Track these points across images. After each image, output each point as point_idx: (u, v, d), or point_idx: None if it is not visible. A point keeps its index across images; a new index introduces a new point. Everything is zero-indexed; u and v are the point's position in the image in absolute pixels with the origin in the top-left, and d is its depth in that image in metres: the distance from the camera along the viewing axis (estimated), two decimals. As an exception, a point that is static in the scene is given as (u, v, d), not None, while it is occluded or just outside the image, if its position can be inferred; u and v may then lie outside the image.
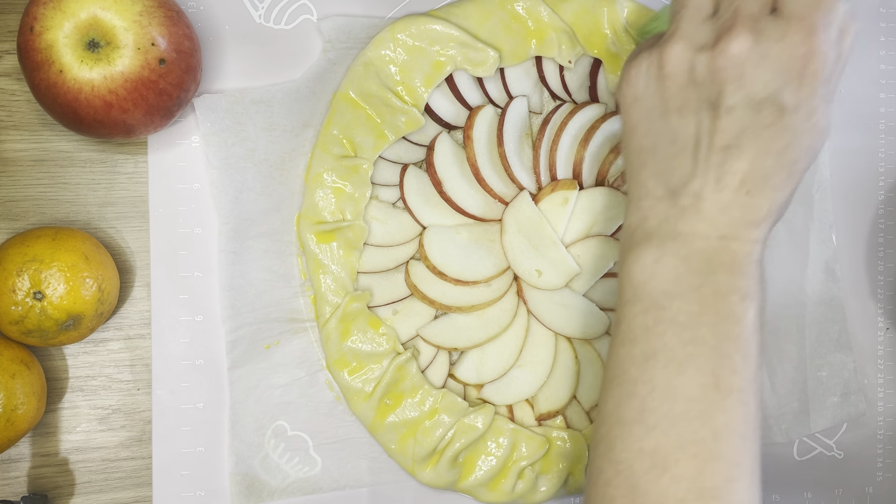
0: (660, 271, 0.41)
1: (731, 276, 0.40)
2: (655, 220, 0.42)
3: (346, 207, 0.52)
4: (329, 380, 0.53)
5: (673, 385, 0.39)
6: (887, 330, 0.61)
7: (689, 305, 0.40)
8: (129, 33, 0.44)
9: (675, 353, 0.39)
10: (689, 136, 0.41)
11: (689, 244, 0.41)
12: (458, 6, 0.53)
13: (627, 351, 0.41)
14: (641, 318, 0.41)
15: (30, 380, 0.47)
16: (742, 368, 0.39)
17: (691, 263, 0.40)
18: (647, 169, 0.43)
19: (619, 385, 0.41)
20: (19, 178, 0.51)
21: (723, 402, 0.39)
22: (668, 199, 0.42)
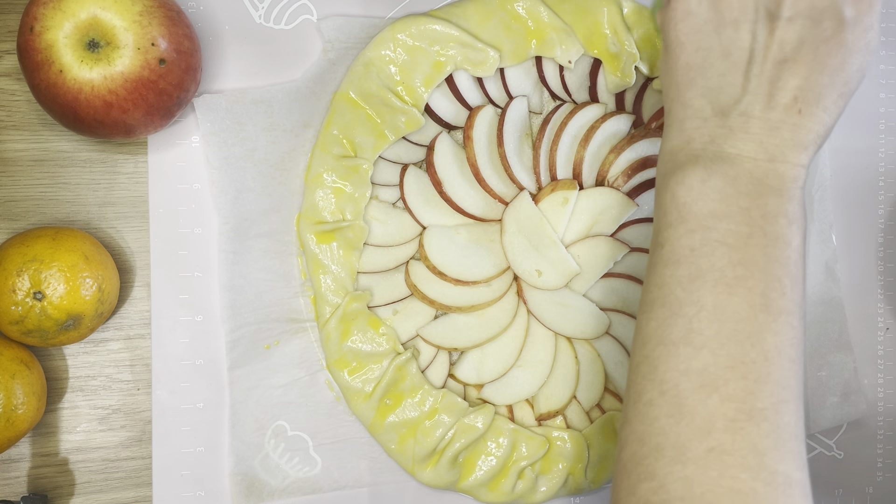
0: (707, 192, 0.40)
1: (779, 199, 0.39)
2: (701, 141, 0.41)
3: (346, 207, 0.52)
4: (329, 380, 0.53)
5: (722, 305, 0.38)
6: (887, 330, 0.61)
7: (738, 227, 0.39)
8: (129, 33, 0.44)
9: (725, 274, 0.39)
10: (743, 50, 0.40)
11: (737, 165, 0.40)
12: (458, 6, 0.53)
13: (672, 272, 0.40)
14: (687, 239, 0.40)
15: (30, 380, 0.47)
16: (791, 292, 0.39)
17: (739, 185, 0.40)
18: (694, 87, 0.42)
19: (663, 306, 0.40)
20: (19, 178, 0.51)
21: (772, 323, 0.38)
22: (716, 118, 0.41)
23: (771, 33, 0.40)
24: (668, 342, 0.39)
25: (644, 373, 0.40)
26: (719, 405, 0.37)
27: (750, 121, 0.40)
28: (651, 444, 0.38)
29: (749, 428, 0.37)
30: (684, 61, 0.42)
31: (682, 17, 0.42)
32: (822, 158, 0.59)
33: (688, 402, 0.38)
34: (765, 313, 0.38)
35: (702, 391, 0.38)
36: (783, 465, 0.37)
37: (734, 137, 0.40)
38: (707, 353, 0.38)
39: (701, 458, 0.37)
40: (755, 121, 0.40)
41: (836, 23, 0.39)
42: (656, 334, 0.40)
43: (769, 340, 0.38)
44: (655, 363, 0.39)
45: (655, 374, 0.39)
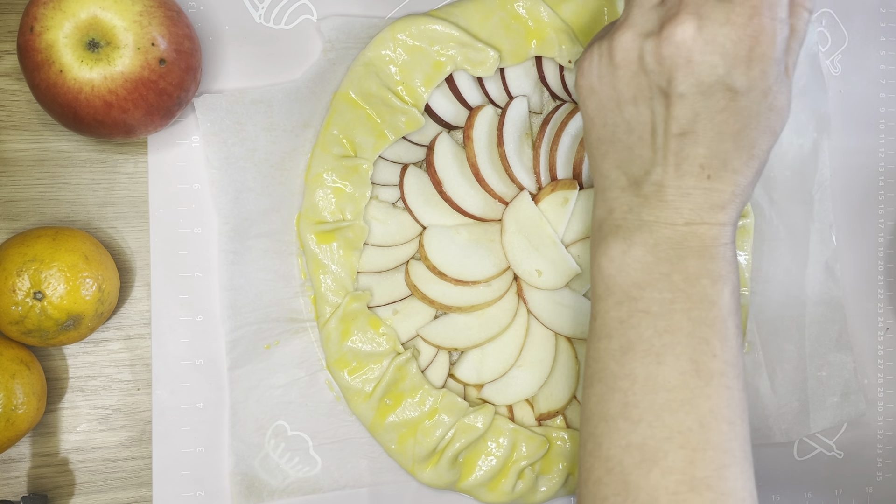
0: (628, 263, 0.41)
1: (700, 259, 0.40)
2: (621, 212, 0.42)
3: (346, 207, 0.52)
4: (329, 380, 0.54)
5: (653, 376, 0.39)
6: (887, 330, 0.61)
7: (660, 294, 0.40)
8: (129, 33, 0.44)
9: (652, 344, 0.39)
10: (644, 125, 0.41)
11: (655, 233, 0.40)
12: (458, 6, 0.53)
13: (605, 345, 0.41)
14: (615, 312, 0.41)
15: (30, 380, 0.47)
16: (721, 352, 0.39)
17: (659, 252, 0.40)
18: (608, 160, 0.43)
19: (600, 381, 0.41)
20: (19, 178, 0.51)
21: (705, 388, 0.38)
22: (631, 188, 0.42)
23: (667, 108, 0.40)
24: (609, 417, 0.40)
25: (590, 450, 0.40)
26: (661, 478, 0.37)
27: (663, 189, 0.41)
28: None
29: (692, 499, 0.37)
30: (595, 136, 0.43)
31: (587, 94, 0.43)
32: (821, 158, 0.59)
33: (631, 478, 0.38)
34: (695, 378, 0.38)
35: (643, 466, 0.38)
36: None
37: (650, 206, 0.41)
38: (644, 426, 0.38)
39: None
40: (668, 189, 0.41)
41: (727, 93, 0.39)
42: (597, 410, 0.40)
43: (703, 406, 0.38)
44: (599, 440, 0.40)
45: (600, 451, 0.40)
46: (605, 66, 0.42)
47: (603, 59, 0.42)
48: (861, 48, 0.61)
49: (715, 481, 0.37)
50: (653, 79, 0.40)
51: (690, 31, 0.38)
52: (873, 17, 0.61)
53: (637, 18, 0.41)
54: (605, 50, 0.42)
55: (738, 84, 0.39)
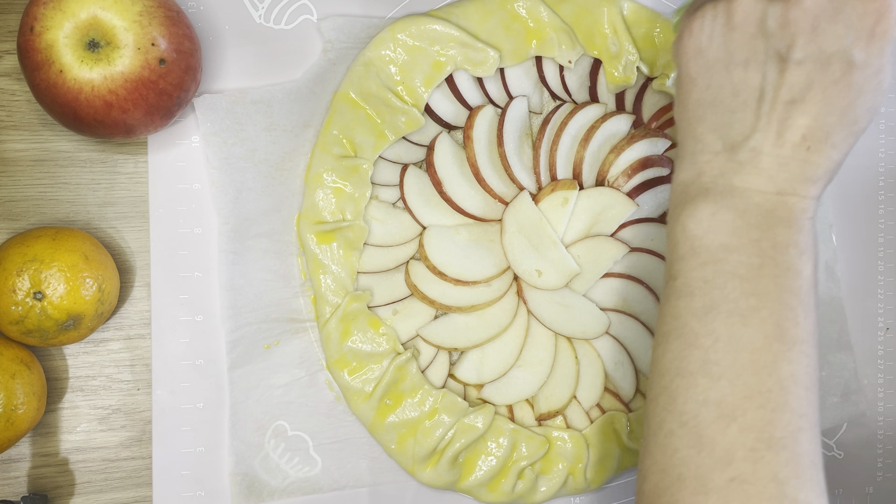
0: (717, 225, 0.41)
1: (788, 230, 0.40)
2: (711, 175, 0.42)
3: (346, 207, 0.52)
4: (329, 380, 0.53)
5: (737, 336, 0.39)
6: (887, 330, 0.61)
7: (748, 258, 0.40)
8: (130, 33, 0.44)
9: (738, 305, 0.39)
10: (752, 90, 0.41)
11: (746, 199, 0.41)
12: (458, 6, 0.53)
13: (686, 303, 0.41)
14: (700, 272, 0.41)
15: (30, 380, 0.47)
16: (804, 321, 0.39)
17: (749, 217, 0.40)
18: (705, 123, 0.43)
19: (679, 337, 0.41)
20: (19, 178, 0.51)
21: (787, 353, 0.39)
22: (726, 153, 0.42)
23: (781, 74, 0.40)
24: (686, 373, 0.40)
25: (663, 404, 0.40)
26: (739, 435, 0.38)
27: (760, 156, 0.41)
28: (673, 475, 0.39)
29: (769, 457, 0.37)
30: (695, 97, 0.43)
31: (693, 54, 0.43)
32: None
33: (708, 432, 0.38)
34: (779, 343, 0.39)
35: (721, 421, 0.38)
36: (804, 494, 0.37)
37: (744, 172, 0.41)
38: (724, 383, 0.39)
39: (722, 488, 0.37)
40: (765, 157, 0.41)
41: (846, 66, 0.39)
42: (673, 366, 0.40)
43: (785, 369, 0.39)
44: (674, 394, 0.40)
45: (674, 405, 0.40)
46: (721, 26, 0.41)
47: (718, 20, 0.41)
48: None
49: (791, 442, 0.38)
50: (772, 42, 0.40)
51: None
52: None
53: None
54: (722, 11, 0.41)
55: (857, 58, 0.39)
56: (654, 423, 0.41)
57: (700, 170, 0.43)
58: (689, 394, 0.39)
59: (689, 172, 0.43)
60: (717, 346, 0.39)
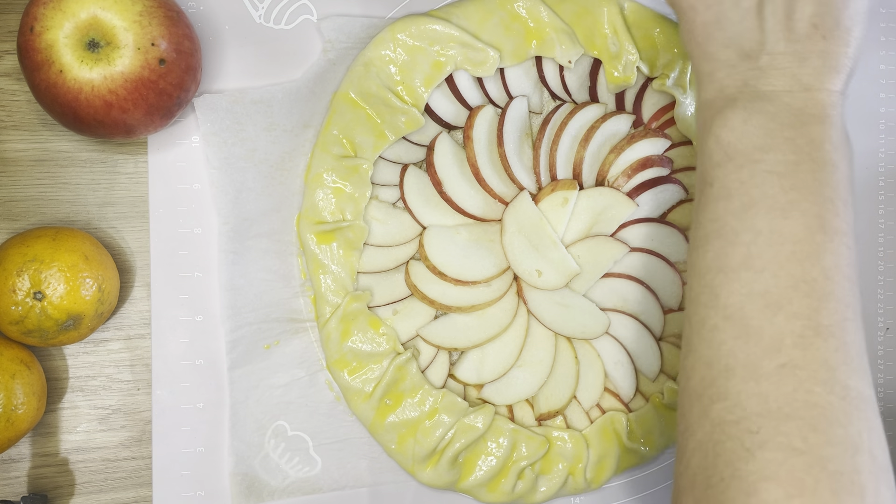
0: (750, 130, 0.41)
1: (821, 126, 0.40)
2: (735, 86, 0.42)
3: (346, 207, 0.52)
4: (329, 380, 0.53)
5: (778, 229, 0.39)
6: (887, 330, 0.61)
7: (784, 156, 0.40)
8: (129, 33, 0.44)
9: (777, 200, 0.39)
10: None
11: (775, 101, 0.41)
12: (458, 6, 0.53)
13: (724, 205, 0.41)
14: (736, 174, 0.41)
15: (30, 380, 0.47)
16: (843, 213, 0.40)
17: (781, 118, 0.41)
18: (714, 41, 0.43)
19: (719, 237, 0.41)
20: (19, 178, 0.51)
21: (829, 243, 0.39)
22: (744, 62, 0.42)
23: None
24: (728, 269, 0.40)
25: (705, 301, 0.40)
26: (786, 323, 0.38)
27: (777, 57, 0.41)
28: (720, 367, 0.39)
29: (818, 343, 0.37)
30: (700, 21, 0.43)
31: None
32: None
33: (754, 322, 0.38)
34: (821, 234, 0.39)
35: (767, 311, 0.38)
36: (854, 381, 0.37)
37: (766, 76, 0.41)
38: (768, 275, 0.39)
39: (773, 374, 0.37)
40: (782, 56, 0.41)
41: None
42: (715, 264, 0.40)
43: (828, 259, 0.39)
44: (717, 291, 0.40)
45: (717, 300, 0.40)
46: None
47: None
48: (861, 48, 0.61)
49: (838, 331, 0.38)
50: None
51: None
52: (873, 18, 0.61)
53: None
54: None
55: None
56: (696, 321, 0.40)
57: (722, 84, 0.43)
58: (732, 287, 0.39)
59: (712, 89, 0.43)
60: (759, 241, 0.39)
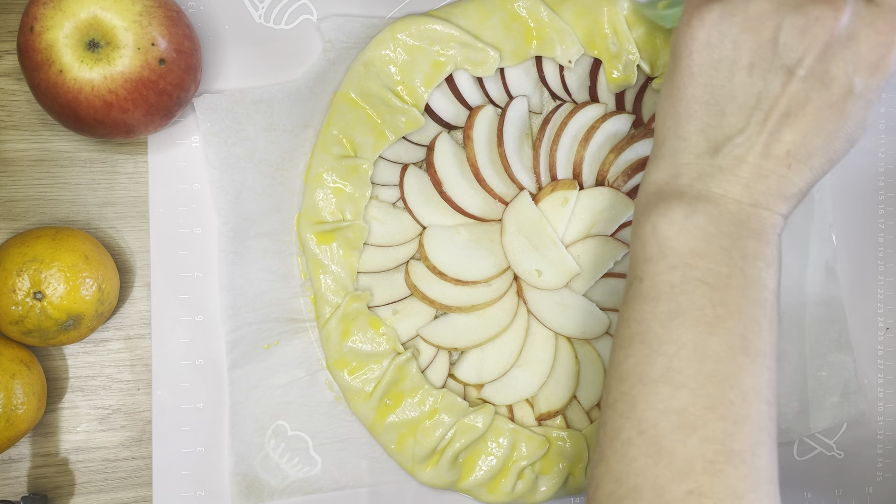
0: (689, 229, 0.40)
1: (758, 242, 0.40)
2: (689, 177, 0.41)
3: (346, 207, 0.52)
4: (329, 380, 0.54)
5: (702, 345, 0.39)
6: (887, 330, 0.61)
7: (718, 266, 0.39)
8: (129, 33, 0.44)
9: (705, 313, 0.39)
10: (750, 95, 0.40)
11: (720, 206, 0.40)
12: (458, 6, 0.53)
13: (651, 308, 0.40)
14: (668, 275, 0.40)
15: (30, 380, 0.47)
16: (767, 334, 0.39)
17: (722, 225, 0.40)
18: (694, 121, 0.42)
19: (643, 342, 0.40)
20: (19, 178, 0.51)
21: (751, 365, 0.38)
22: (707, 155, 0.41)
23: (783, 86, 0.40)
24: (648, 380, 0.39)
25: (622, 410, 0.40)
26: (698, 446, 0.37)
27: (741, 164, 0.40)
28: (629, 485, 0.38)
29: (728, 470, 0.37)
30: (691, 93, 0.42)
31: (699, 47, 0.41)
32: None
33: (667, 442, 0.38)
34: (743, 355, 0.38)
35: (681, 431, 0.38)
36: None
37: (722, 177, 0.41)
38: (687, 392, 0.38)
39: (680, 500, 0.37)
40: (746, 165, 0.40)
41: (844, 91, 0.39)
42: (635, 371, 0.40)
43: (747, 382, 0.38)
44: (634, 401, 0.39)
45: (634, 412, 0.39)
46: (734, 25, 0.40)
47: (733, 19, 0.40)
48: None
49: (749, 456, 0.37)
50: (780, 52, 0.39)
51: (841, 21, 0.39)
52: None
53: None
54: (740, 10, 0.40)
55: (857, 86, 0.39)
56: (610, 430, 0.40)
57: (678, 171, 0.42)
58: (649, 401, 0.39)
59: (666, 172, 0.42)
60: (682, 354, 0.39)
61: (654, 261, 0.41)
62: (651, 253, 0.41)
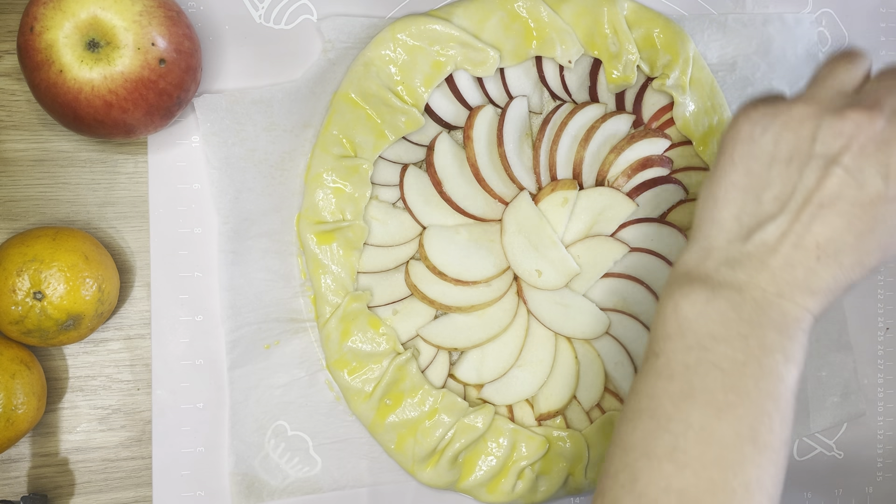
0: (709, 312, 0.41)
1: (779, 335, 0.40)
2: (716, 262, 0.42)
3: (346, 207, 0.52)
4: (329, 380, 0.53)
5: (709, 429, 0.39)
6: (887, 330, 0.61)
7: (734, 353, 0.40)
8: (129, 33, 0.44)
9: (716, 397, 0.39)
10: (787, 186, 0.41)
11: (744, 293, 0.41)
12: (459, 6, 0.53)
13: (664, 385, 0.41)
14: (683, 356, 0.41)
15: (30, 380, 0.47)
16: (779, 430, 0.39)
17: (743, 311, 0.40)
18: (730, 207, 0.43)
19: (651, 418, 0.40)
20: (19, 178, 0.51)
21: (757, 457, 0.39)
22: (739, 241, 0.42)
23: (819, 179, 0.40)
24: (652, 456, 0.39)
25: (623, 482, 0.40)
26: None
27: (770, 253, 0.41)
28: None
29: None
30: (730, 180, 0.43)
31: (742, 139, 0.43)
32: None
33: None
34: (751, 444, 0.39)
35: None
36: None
37: (749, 264, 0.41)
38: (689, 473, 0.38)
39: None
40: (774, 254, 0.41)
41: (877, 194, 0.40)
42: (641, 445, 0.40)
43: (752, 472, 0.38)
44: (636, 475, 0.39)
45: (635, 486, 0.39)
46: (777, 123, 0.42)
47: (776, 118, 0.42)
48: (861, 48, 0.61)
49: None
50: (818, 149, 0.41)
51: (879, 126, 0.40)
52: (873, 17, 0.61)
53: (823, 97, 0.42)
54: (783, 111, 0.42)
55: (891, 190, 0.40)
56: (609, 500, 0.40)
57: (708, 254, 0.43)
58: (651, 477, 0.39)
59: (697, 255, 0.43)
60: (689, 435, 0.39)
61: (672, 339, 0.41)
62: (670, 331, 0.42)
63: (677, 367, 0.40)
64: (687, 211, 0.56)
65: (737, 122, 0.43)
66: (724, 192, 0.43)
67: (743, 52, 0.58)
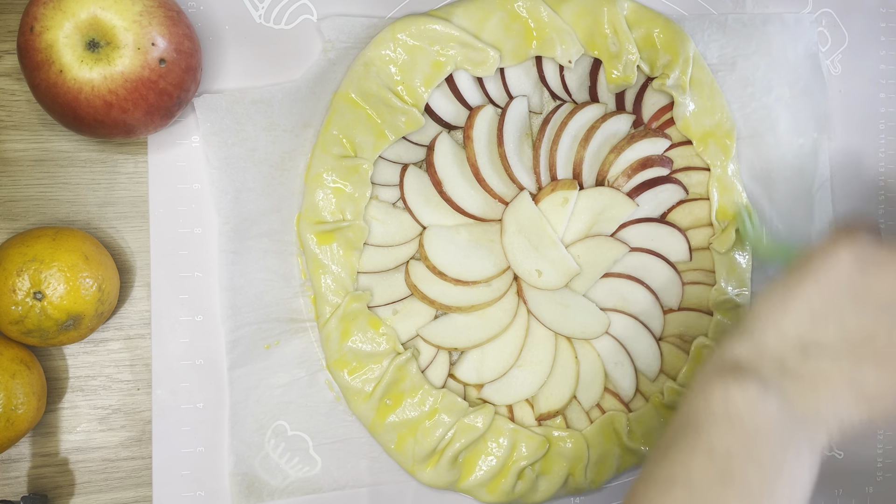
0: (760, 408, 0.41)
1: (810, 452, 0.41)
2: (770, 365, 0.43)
3: (346, 207, 0.52)
4: (329, 380, 0.53)
5: None
6: (887, 330, 0.61)
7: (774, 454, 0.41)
8: (129, 33, 0.44)
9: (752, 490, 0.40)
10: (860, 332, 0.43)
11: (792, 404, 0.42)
12: (459, 6, 0.53)
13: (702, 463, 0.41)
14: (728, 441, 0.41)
15: (30, 380, 0.47)
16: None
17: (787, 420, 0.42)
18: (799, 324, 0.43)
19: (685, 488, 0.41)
20: (19, 178, 0.51)
21: None
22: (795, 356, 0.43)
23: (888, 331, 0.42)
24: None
25: None
26: None
27: (823, 381, 0.42)
28: None
29: None
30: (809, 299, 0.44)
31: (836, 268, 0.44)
32: (821, 158, 0.59)
33: None
34: None
35: None
36: None
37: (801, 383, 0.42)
38: None
39: None
40: (826, 385, 0.42)
41: None
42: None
43: None
44: None
45: None
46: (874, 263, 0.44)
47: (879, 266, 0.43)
48: (861, 48, 0.61)
49: None
50: None
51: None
52: (873, 17, 0.61)
53: None
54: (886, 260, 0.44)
55: None
56: None
57: (762, 354, 0.43)
58: None
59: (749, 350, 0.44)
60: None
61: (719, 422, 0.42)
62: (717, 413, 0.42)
63: (719, 450, 0.41)
64: (687, 211, 0.56)
65: (838, 250, 0.44)
66: (797, 308, 0.44)
67: (743, 52, 0.58)
